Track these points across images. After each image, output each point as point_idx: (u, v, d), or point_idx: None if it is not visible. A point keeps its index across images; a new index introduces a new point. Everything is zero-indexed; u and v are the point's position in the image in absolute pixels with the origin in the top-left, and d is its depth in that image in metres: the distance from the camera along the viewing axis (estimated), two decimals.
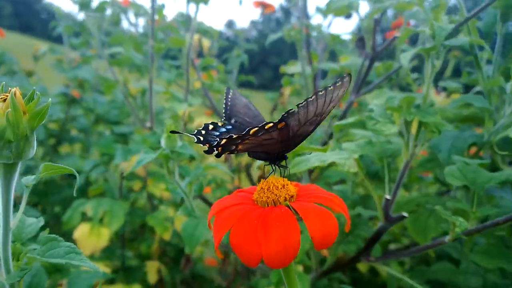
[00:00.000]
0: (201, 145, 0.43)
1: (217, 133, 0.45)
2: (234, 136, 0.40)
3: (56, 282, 0.70)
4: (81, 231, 1.15)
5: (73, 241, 1.19)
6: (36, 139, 0.34)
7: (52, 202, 1.53)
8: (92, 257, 1.22)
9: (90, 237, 1.15)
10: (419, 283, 0.89)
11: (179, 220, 1.34)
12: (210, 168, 0.71)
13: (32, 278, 0.49)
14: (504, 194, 0.71)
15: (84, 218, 1.25)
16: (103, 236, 1.14)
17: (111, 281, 1.28)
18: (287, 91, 1.50)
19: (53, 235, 0.40)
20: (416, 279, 0.87)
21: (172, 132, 0.48)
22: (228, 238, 0.40)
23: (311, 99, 0.41)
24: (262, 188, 0.42)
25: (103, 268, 1.24)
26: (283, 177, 0.44)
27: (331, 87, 0.41)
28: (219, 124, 0.47)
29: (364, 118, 0.65)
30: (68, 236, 1.37)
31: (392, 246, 1.11)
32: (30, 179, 0.37)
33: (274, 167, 0.45)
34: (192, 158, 0.79)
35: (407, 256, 0.71)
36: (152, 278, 1.37)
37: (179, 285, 1.50)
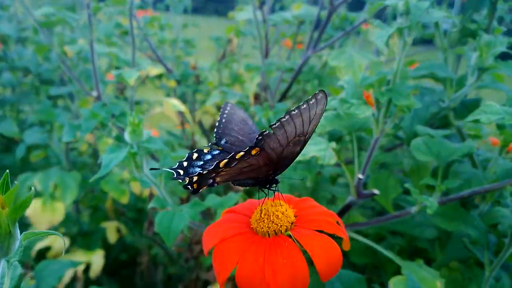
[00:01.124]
0: (180, 180, 0.39)
1: (201, 162, 0.42)
2: (204, 173, 0.37)
3: None
4: (33, 208, 1.08)
5: (25, 218, 1.12)
6: None
7: None
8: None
9: (44, 212, 1.08)
10: (379, 234, 0.97)
11: (135, 183, 1.31)
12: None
13: None
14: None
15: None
16: (59, 211, 1.09)
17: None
18: (235, 38, 1.43)
19: None
20: (376, 230, 0.94)
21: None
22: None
23: (284, 119, 0.37)
24: (261, 217, 0.40)
25: (61, 238, 1.19)
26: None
27: (304, 106, 0.38)
28: (205, 150, 0.43)
29: (338, 101, 0.64)
30: None
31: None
32: (12, 255, 0.33)
33: (267, 192, 0.43)
34: None
35: (375, 225, 0.75)
36: (112, 237, 1.35)
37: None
